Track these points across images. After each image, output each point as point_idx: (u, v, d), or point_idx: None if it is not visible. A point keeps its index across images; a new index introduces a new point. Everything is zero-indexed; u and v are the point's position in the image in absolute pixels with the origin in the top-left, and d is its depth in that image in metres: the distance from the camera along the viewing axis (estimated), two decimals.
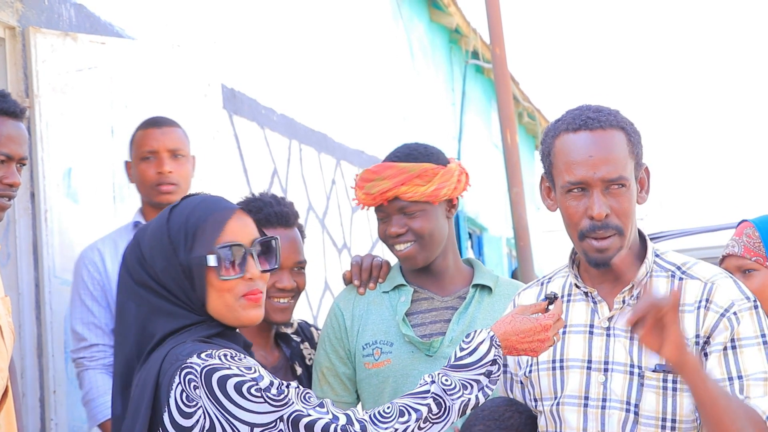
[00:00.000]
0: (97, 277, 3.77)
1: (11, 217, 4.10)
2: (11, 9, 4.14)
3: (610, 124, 2.48)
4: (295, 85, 6.80)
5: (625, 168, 2.45)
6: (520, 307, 2.47)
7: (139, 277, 2.29)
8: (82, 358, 3.76)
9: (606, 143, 2.45)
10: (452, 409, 2.30)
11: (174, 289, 2.27)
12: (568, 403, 2.53)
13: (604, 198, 2.44)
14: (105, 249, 3.82)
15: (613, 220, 2.45)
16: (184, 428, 2.16)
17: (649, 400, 2.45)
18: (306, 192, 6.82)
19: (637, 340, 2.41)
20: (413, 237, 3.08)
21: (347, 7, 7.96)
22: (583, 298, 2.57)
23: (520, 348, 2.41)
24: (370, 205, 3.11)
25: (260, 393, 2.16)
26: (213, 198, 2.37)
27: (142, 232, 2.34)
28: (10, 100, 3.16)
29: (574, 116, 2.51)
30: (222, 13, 5.92)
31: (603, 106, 2.54)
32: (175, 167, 3.84)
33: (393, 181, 3.04)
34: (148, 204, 3.88)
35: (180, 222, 2.29)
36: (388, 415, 2.24)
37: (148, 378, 2.20)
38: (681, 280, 2.51)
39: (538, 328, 2.40)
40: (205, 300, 2.28)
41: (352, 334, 3.13)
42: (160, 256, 2.27)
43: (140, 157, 3.86)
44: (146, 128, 3.91)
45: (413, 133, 9.04)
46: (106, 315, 3.75)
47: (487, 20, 8.12)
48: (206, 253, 2.26)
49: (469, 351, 2.36)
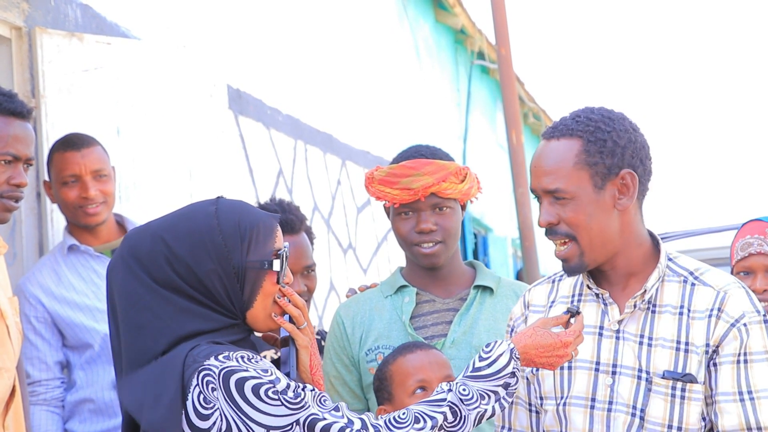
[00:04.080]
0: (40, 309, 3.69)
1: (17, 217, 4.11)
2: (17, 9, 4.15)
3: (563, 133, 2.51)
4: (300, 86, 6.80)
5: (569, 179, 2.48)
6: (541, 320, 2.48)
7: (164, 278, 2.24)
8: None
9: (550, 154, 2.51)
10: (468, 419, 2.30)
11: (216, 291, 2.25)
12: (574, 404, 2.53)
13: (550, 207, 2.50)
14: (45, 278, 3.73)
15: (562, 228, 2.50)
16: (200, 430, 2.16)
17: (657, 406, 2.45)
18: (311, 192, 6.83)
19: (647, 344, 2.43)
20: (441, 236, 3.06)
21: (353, 7, 7.97)
22: (594, 299, 2.58)
23: (538, 362, 2.42)
24: (404, 202, 3.05)
25: (277, 396, 2.16)
26: (249, 204, 2.39)
27: (166, 232, 2.27)
28: (16, 101, 3.16)
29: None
30: (227, 13, 5.93)
31: (591, 109, 2.55)
32: (100, 187, 3.72)
33: (435, 177, 3.02)
34: (75, 225, 3.78)
35: (232, 225, 2.28)
36: (403, 421, 2.24)
37: (169, 379, 2.17)
38: (693, 285, 2.51)
39: (558, 344, 2.41)
40: (252, 304, 2.29)
41: (354, 341, 3.13)
42: (207, 257, 2.24)
43: (61, 181, 3.71)
44: (65, 150, 3.72)
45: (419, 134, 9.04)
46: (50, 349, 3.70)
47: (492, 21, 8.12)
48: (267, 257, 2.28)
49: (488, 362, 2.36)
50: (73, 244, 3.77)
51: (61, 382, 3.72)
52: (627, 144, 2.49)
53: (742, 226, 3.28)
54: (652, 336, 2.49)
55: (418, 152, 3.10)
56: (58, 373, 3.72)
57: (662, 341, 2.48)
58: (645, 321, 2.50)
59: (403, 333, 3.08)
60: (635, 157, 2.50)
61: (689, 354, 2.46)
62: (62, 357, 3.73)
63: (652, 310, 2.51)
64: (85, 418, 3.70)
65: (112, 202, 3.80)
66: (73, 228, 3.81)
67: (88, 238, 3.79)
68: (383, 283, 3.23)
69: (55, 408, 3.70)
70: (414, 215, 3.07)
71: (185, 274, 2.24)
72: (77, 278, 3.74)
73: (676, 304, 2.50)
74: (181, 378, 2.16)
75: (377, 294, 3.19)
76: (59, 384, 3.72)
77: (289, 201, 3.47)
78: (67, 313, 3.69)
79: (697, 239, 4.62)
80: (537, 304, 2.68)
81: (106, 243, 3.81)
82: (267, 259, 2.29)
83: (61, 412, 3.72)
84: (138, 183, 4.39)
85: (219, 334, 2.25)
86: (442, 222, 3.06)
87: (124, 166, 4.30)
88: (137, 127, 4.40)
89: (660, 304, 2.51)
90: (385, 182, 3.07)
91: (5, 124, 3.10)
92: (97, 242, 3.79)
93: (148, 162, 4.44)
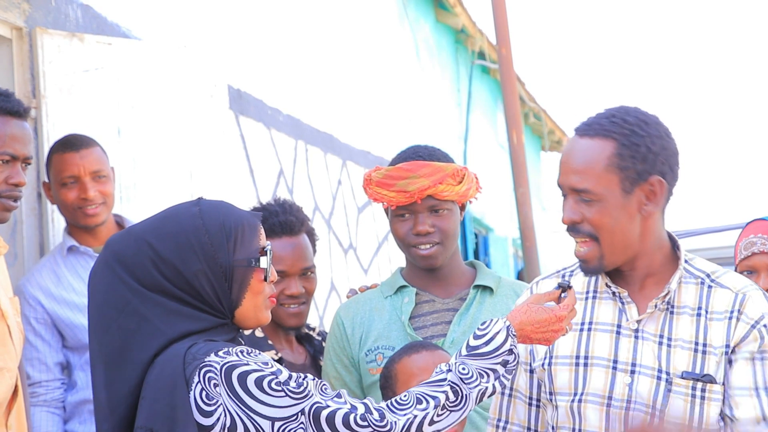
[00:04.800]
0: (40, 311, 3.70)
1: (18, 217, 4.11)
2: (18, 10, 4.15)
3: (597, 132, 2.47)
4: (301, 86, 6.80)
5: (598, 180, 2.45)
6: (535, 296, 2.48)
7: (151, 281, 2.24)
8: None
9: (581, 152, 2.48)
10: (469, 398, 2.31)
11: (204, 292, 2.26)
12: (590, 401, 2.52)
13: (575, 205, 2.48)
14: (44, 279, 3.74)
15: (585, 227, 2.48)
16: (204, 427, 2.16)
17: (677, 407, 2.46)
18: (312, 192, 6.83)
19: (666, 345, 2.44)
20: (438, 237, 3.06)
21: (353, 7, 7.97)
22: (610, 297, 2.57)
23: (534, 337, 2.43)
24: (400, 204, 3.06)
25: (280, 387, 2.17)
26: (231, 204, 2.40)
27: (150, 235, 2.27)
28: (13, 100, 3.15)
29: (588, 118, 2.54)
30: (228, 13, 5.93)
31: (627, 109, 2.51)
32: (99, 188, 3.72)
33: (431, 179, 3.02)
34: (74, 226, 3.79)
35: (217, 224, 2.28)
36: (405, 402, 2.25)
37: (171, 379, 2.16)
38: (710, 288, 2.52)
39: (552, 318, 2.42)
40: (240, 302, 2.30)
41: (354, 342, 3.13)
42: (194, 258, 2.25)
43: (60, 182, 3.72)
44: (64, 152, 3.73)
45: (419, 134, 9.04)
46: (50, 350, 3.70)
47: (493, 21, 8.12)
48: (253, 255, 2.30)
49: (485, 340, 2.36)
50: (73, 245, 3.77)
51: (62, 383, 3.72)
52: (660, 150, 2.47)
53: (746, 225, 3.28)
54: (672, 337, 2.49)
55: (416, 153, 3.10)
56: (59, 374, 3.72)
57: (681, 342, 2.48)
58: (664, 321, 2.50)
59: (403, 333, 3.08)
60: (666, 164, 2.48)
61: (707, 355, 2.46)
62: (62, 358, 3.73)
63: (671, 311, 2.51)
64: (85, 418, 3.70)
65: (112, 203, 3.80)
66: (72, 229, 3.81)
67: (87, 239, 3.79)
68: (383, 284, 3.23)
69: (55, 409, 3.70)
70: (411, 217, 3.07)
71: (172, 276, 2.24)
72: (77, 279, 3.74)
73: (693, 306, 2.50)
74: (183, 375, 2.16)
75: (377, 294, 3.19)
76: (59, 385, 3.71)
77: (292, 202, 3.47)
78: (66, 314, 3.69)
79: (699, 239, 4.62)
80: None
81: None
82: (254, 257, 2.30)
83: (61, 413, 3.72)
84: (139, 183, 4.39)
85: (209, 333, 2.25)
86: (439, 223, 3.06)
87: (124, 167, 4.30)
88: (138, 128, 4.40)
89: (678, 306, 2.51)
90: (382, 184, 3.07)
91: (2, 124, 3.10)
92: (97, 243, 3.78)
93: (148, 162, 4.44)
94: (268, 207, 3.37)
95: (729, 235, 4.12)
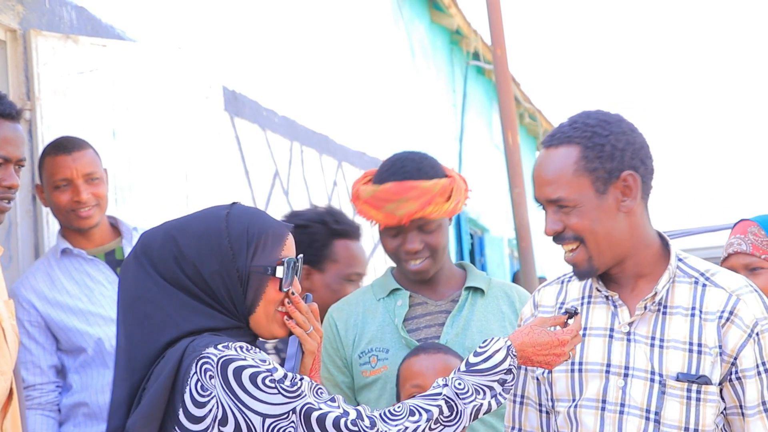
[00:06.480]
0: (34, 314, 3.69)
1: (13, 219, 4.10)
2: (12, 12, 4.15)
3: (561, 141, 2.51)
4: (296, 87, 6.80)
5: (570, 187, 2.48)
6: (539, 319, 2.49)
7: (172, 276, 2.30)
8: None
9: (549, 163, 2.51)
10: (464, 413, 2.31)
11: (220, 293, 2.30)
12: (585, 406, 2.53)
13: (555, 215, 2.51)
14: (38, 282, 3.73)
15: (569, 233, 2.50)
16: (196, 418, 2.18)
17: (673, 409, 2.45)
18: (307, 194, 6.82)
19: (659, 346, 2.44)
20: (429, 252, 3.07)
21: (348, 8, 7.97)
22: (604, 302, 2.58)
23: (535, 360, 2.44)
24: (389, 225, 3.05)
25: (275, 384, 2.18)
26: (262, 211, 2.43)
27: (178, 232, 2.33)
28: (5, 102, 3.14)
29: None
30: (223, 15, 5.93)
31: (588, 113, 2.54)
32: (92, 190, 3.71)
33: (419, 203, 3.00)
34: (68, 228, 3.78)
35: (241, 230, 2.32)
36: (398, 413, 2.26)
37: (166, 369, 2.21)
38: (704, 287, 2.51)
39: (555, 342, 2.42)
40: (255, 309, 2.33)
41: (347, 344, 3.13)
42: (213, 259, 2.30)
43: (53, 185, 3.70)
44: (56, 154, 3.71)
45: (414, 135, 9.04)
46: (44, 354, 3.69)
47: (488, 21, 8.13)
48: (272, 263, 2.32)
49: (484, 357, 2.38)
50: (67, 248, 3.77)
51: (56, 386, 3.71)
52: (626, 146, 2.48)
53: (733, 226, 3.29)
54: (664, 338, 2.48)
55: (403, 170, 3.05)
56: (53, 377, 3.71)
57: (674, 343, 2.47)
58: (656, 323, 2.50)
59: (397, 336, 3.08)
60: (635, 158, 2.49)
61: (702, 355, 2.45)
62: (57, 361, 3.72)
63: (663, 311, 2.51)
64: (80, 422, 3.69)
65: (105, 205, 3.79)
66: (66, 231, 3.80)
67: (81, 242, 3.78)
68: (375, 285, 3.22)
69: (50, 412, 3.69)
70: (400, 235, 3.07)
71: (192, 273, 2.30)
72: (71, 282, 3.73)
73: (687, 306, 2.50)
74: (177, 364, 2.20)
75: (369, 296, 3.19)
76: (54, 388, 3.71)
77: (339, 209, 3.65)
78: (60, 317, 3.68)
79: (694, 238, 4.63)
80: (546, 305, 2.68)
81: (100, 246, 3.80)
82: (271, 266, 2.33)
83: (56, 416, 3.71)
84: (134, 185, 4.39)
85: (224, 334, 2.29)
86: (428, 240, 3.07)
87: (119, 169, 4.29)
88: (133, 129, 4.39)
89: (671, 306, 2.51)
90: (370, 204, 3.06)
91: None
92: (91, 245, 3.78)
93: (144, 164, 4.44)
94: (316, 212, 3.63)
95: (723, 234, 4.13)
